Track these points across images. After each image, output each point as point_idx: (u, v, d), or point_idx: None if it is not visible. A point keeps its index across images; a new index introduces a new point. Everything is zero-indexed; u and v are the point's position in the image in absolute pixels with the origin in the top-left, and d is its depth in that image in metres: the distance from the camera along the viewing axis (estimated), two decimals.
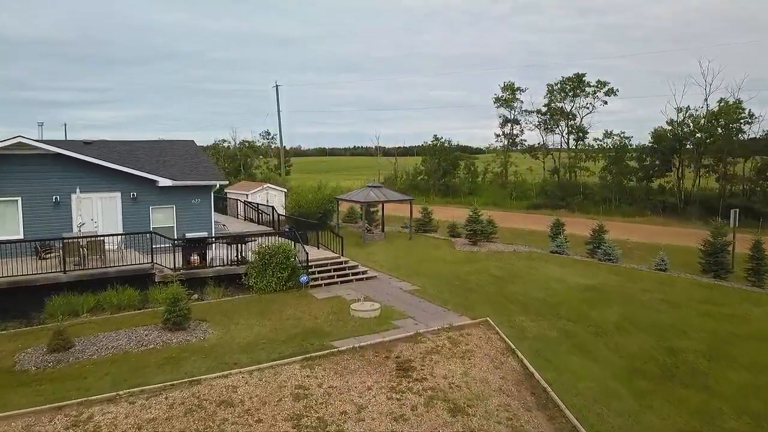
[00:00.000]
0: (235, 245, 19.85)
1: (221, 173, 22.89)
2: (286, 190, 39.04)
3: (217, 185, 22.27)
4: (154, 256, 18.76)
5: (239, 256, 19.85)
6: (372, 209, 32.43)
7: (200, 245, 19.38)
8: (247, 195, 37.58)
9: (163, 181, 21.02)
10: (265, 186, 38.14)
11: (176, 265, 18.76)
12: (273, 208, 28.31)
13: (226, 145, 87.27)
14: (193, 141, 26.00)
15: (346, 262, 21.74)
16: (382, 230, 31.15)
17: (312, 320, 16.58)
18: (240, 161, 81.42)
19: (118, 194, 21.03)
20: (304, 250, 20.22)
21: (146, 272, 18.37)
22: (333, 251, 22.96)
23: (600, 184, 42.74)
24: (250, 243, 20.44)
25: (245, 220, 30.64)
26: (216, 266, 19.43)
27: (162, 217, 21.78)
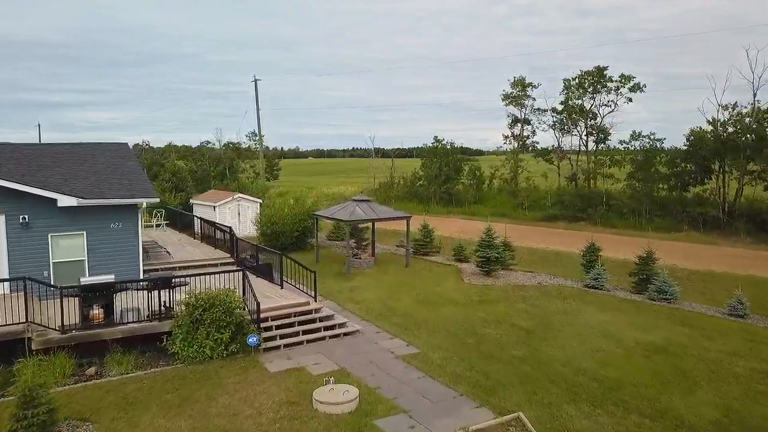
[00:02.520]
0: (158, 290, 14.05)
1: (152, 188, 17.11)
2: (260, 200, 33.28)
3: (144, 204, 16.48)
4: (34, 310, 13.01)
5: (164, 306, 14.07)
6: (361, 226, 26.64)
7: (104, 293, 13.59)
8: (214, 207, 31.88)
9: (65, 200, 15.23)
10: (236, 196, 32.40)
11: (66, 324, 12.98)
12: (230, 228, 22.54)
13: (210, 146, 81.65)
14: (126, 144, 20.27)
15: (317, 310, 15.94)
16: (372, 254, 25.36)
17: (254, 420, 10.82)
18: (225, 164, 75.79)
19: (2, 218, 15.24)
20: (255, 298, 14.40)
21: (17, 337, 12.59)
22: (305, 290, 17.26)
23: (628, 194, 36.88)
24: (188, 282, 14.69)
25: (202, 240, 24.84)
26: (128, 322, 13.64)
27: (67, 249, 16.00)
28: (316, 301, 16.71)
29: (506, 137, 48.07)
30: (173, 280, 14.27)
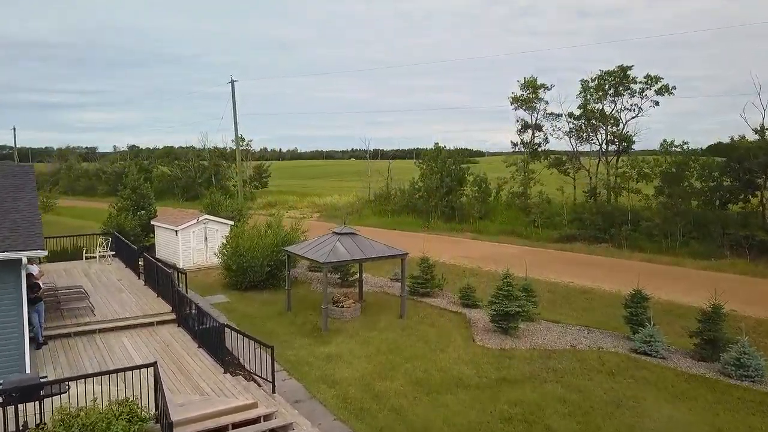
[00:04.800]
0: (15, 405, 9.21)
1: (41, 235, 12.17)
2: (232, 222, 28.41)
3: (24, 260, 11.59)
4: None
5: (22, 429, 9.23)
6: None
7: None
8: (176, 231, 27.05)
9: None
10: (201, 218, 27.53)
11: None
12: (173, 269, 17.73)
13: (197, 149, 76.80)
14: (29, 168, 15.43)
15: (268, 416, 11.08)
16: (360, 296, 20.55)
17: None
18: (210, 171, 71.13)
19: None
20: (167, 416, 9.52)
21: None
22: (260, 373, 12.50)
23: (655, 210, 31.92)
24: (67, 388, 9.84)
25: (146, 282, 19.93)
26: None
27: None
28: (273, 391, 11.94)
29: (515, 144, 43.23)
30: (42, 390, 9.40)
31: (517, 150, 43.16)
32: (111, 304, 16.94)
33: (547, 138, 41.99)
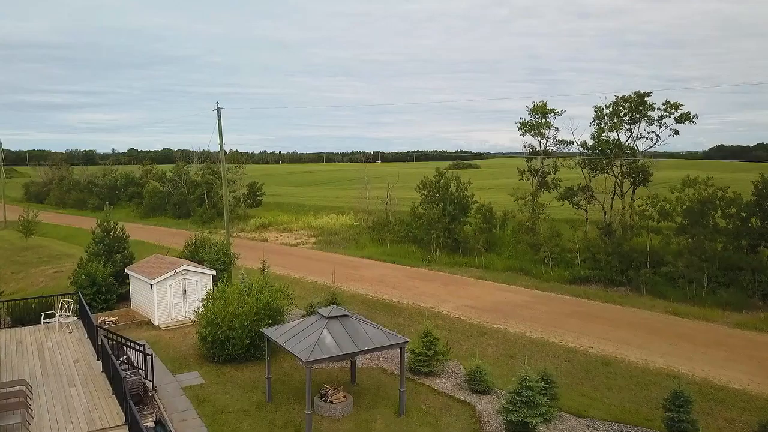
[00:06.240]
0: None
1: None
2: (215, 272, 25.73)
3: None
4: None
5: None
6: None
7: None
8: (151, 285, 24.40)
9: None
10: (179, 269, 24.79)
11: None
12: (139, 351, 15.00)
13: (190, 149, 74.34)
14: None
15: None
16: (353, 380, 17.89)
17: None
18: (203, 188, 68.54)
19: None
20: None
21: None
22: None
23: (685, 256, 29.12)
24: None
25: (104, 366, 17.17)
26: None
27: None
28: None
29: (522, 172, 40.56)
30: None
31: (524, 178, 40.41)
32: (55, 409, 14.26)
33: (556, 165, 39.25)
